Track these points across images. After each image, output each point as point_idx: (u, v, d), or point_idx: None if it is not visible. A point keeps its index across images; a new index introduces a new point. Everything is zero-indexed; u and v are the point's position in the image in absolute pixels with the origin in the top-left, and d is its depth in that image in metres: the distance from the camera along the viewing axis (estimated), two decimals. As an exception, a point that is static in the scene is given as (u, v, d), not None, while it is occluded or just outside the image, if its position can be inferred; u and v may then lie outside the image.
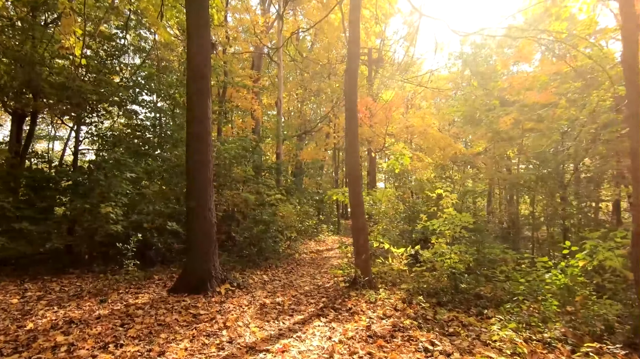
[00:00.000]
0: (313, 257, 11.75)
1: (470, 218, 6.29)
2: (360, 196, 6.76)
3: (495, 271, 6.30)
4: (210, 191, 6.32)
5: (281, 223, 10.35)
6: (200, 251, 6.09)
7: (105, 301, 5.47)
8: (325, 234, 18.34)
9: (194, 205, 6.16)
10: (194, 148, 6.23)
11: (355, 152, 6.86)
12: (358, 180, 6.82)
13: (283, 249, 11.00)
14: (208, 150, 6.29)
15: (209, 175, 6.31)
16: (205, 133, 6.27)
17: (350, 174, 6.85)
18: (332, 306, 5.36)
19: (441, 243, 6.18)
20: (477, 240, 6.96)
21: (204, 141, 6.25)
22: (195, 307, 5.26)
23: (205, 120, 6.30)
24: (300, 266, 9.63)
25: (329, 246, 15.59)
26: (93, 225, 8.11)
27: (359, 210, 6.70)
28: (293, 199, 11.58)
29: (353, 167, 6.84)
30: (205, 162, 6.24)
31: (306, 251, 13.06)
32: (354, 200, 6.75)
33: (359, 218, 6.67)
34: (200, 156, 6.22)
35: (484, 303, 5.41)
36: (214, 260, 6.24)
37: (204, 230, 6.14)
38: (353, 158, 6.85)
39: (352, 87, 6.96)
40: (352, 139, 6.87)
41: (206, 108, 6.32)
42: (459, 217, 6.24)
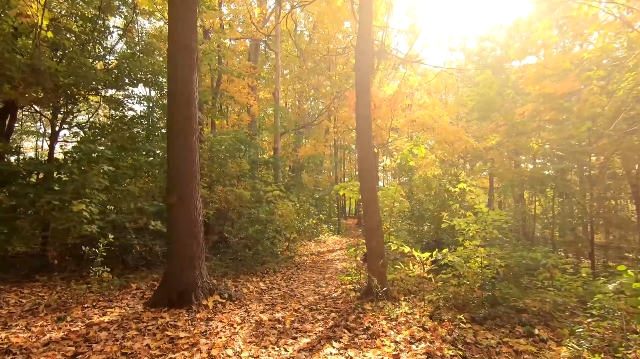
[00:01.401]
0: (314, 260, 10.72)
1: (505, 217, 5.30)
2: (375, 191, 5.75)
3: (533, 279, 5.32)
4: (196, 184, 5.29)
5: (279, 222, 9.32)
6: (183, 257, 5.05)
7: (63, 320, 4.42)
8: (325, 234, 17.32)
9: (175, 201, 5.11)
10: (177, 131, 5.19)
11: (368, 139, 5.85)
12: (371, 173, 5.81)
13: (281, 251, 9.97)
14: (194, 134, 5.25)
15: (195, 165, 5.27)
16: (190, 114, 5.23)
17: (363, 165, 5.84)
18: (344, 325, 4.33)
19: (475, 246, 5.19)
20: (509, 241, 5.97)
21: (189, 123, 5.21)
22: (175, 327, 4.22)
23: (191, 99, 5.26)
24: (301, 271, 8.60)
25: (330, 247, 14.57)
26: (63, 225, 7.05)
27: (373, 207, 5.69)
28: (292, 196, 10.57)
29: (365, 156, 5.82)
30: (190, 148, 5.20)
31: (306, 253, 12.03)
32: (366, 196, 5.73)
33: (373, 217, 5.66)
34: (184, 141, 5.18)
35: (531, 320, 4.42)
36: (200, 267, 5.20)
37: (188, 231, 5.10)
38: (365, 147, 5.83)
39: (364, 63, 5.95)
40: (364, 124, 5.86)
41: (191, 86, 5.28)
42: (491, 215, 5.25)
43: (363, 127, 5.85)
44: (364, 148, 5.83)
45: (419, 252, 5.84)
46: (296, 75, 21.71)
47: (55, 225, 7.12)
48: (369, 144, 5.84)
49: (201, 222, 5.33)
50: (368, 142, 5.83)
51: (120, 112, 9.80)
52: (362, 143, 5.85)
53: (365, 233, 5.79)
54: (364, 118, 5.87)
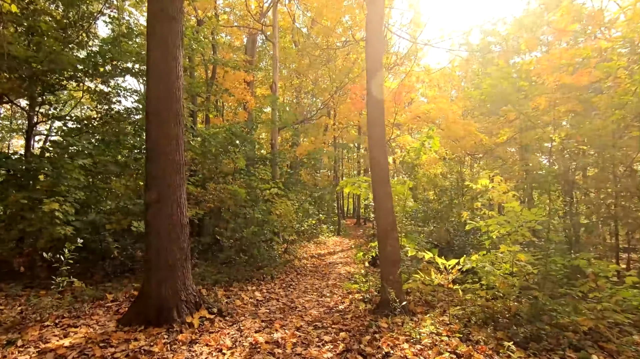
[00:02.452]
0: (315, 264, 9.92)
1: (541, 216, 4.54)
2: (388, 186, 4.96)
3: (573, 289, 4.55)
4: (180, 179, 4.48)
5: (277, 223, 8.52)
6: (163, 265, 4.24)
7: (12, 344, 3.60)
8: (325, 235, 16.53)
9: (154, 198, 4.30)
10: (156, 114, 4.38)
11: (380, 127, 5.06)
12: (384, 165, 5.02)
13: (280, 254, 9.17)
14: (176, 119, 4.44)
15: (178, 157, 4.46)
16: (172, 96, 4.42)
17: (375, 156, 5.05)
18: (358, 350, 3.54)
19: (513, 252, 4.42)
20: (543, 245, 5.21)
21: (171, 107, 4.40)
22: (149, 353, 3.41)
23: (173, 79, 4.45)
24: (301, 277, 7.80)
25: (331, 249, 13.78)
26: (32, 227, 6.24)
27: (386, 205, 4.90)
28: (291, 195, 9.78)
29: (377, 145, 5.03)
30: (172, 136, 4.39)
31: (306, 255, 11.24)
32: (379, 191, 4.95)
33: (386, 216, 4.87)
34: (165, 128, 4.37)
35: (582, 342, 3.65)
36: (184, 277, 4.39)
37: (168, 234, 4.29)
38: (377, 135, 5.04)
39: (375, 32, 5.16)
40: (376, 111, 5.07)
41: (174, 62, 4.47)
42: (526, 215, 4.49)
43: (374, 114, 5.07)
44: (376, 137, 5.03)
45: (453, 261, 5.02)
46: (294, 70, 20.90)
47: (24, 226, 6.30)
48: (380, 132, 5.05)
49: (186, 224, 4.52)
50: (380, 130, 5.04)
51: (107, 105, 8.96)
52: (374, 132, 5.06)
53: (377, 236, 5.00)
54: (376, 104, 5.08)
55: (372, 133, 5.08)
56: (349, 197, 38.23)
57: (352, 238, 18.03)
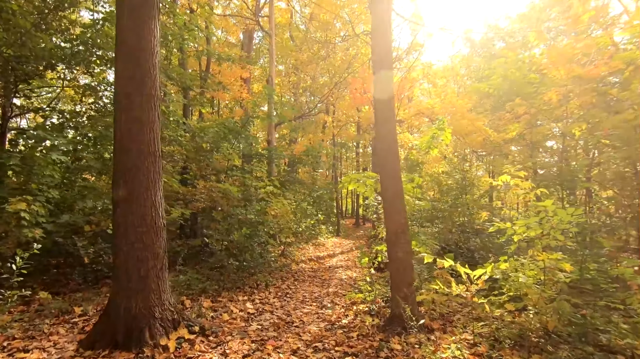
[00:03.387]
0: (314, 268, 9.25)
1: (578, 216, 3.89)
2: (399, 182, 4.29)
3: (613, 301, 3.90)
4: (156, 173, 3.79)
5: (273, 224, 7.83)
6: (133, 276, 3.55)
7: (-61, 376, 2.91)
8: (324, 236, 15.85)
9: (124, 195, 3.61)
10: (126, 96, 3.69)
11: (389, 113, 4.39)
12: (394, 159, 4.35)
13: (276, 257, 8.49)
14: (152, 103, 3.75)
15: (153, 148, 3.77)
16: (145, 75, 3.73)
17: (383, 149, 4.38)
18: (369, 382, 2.87)
19: (555, 260, 3.75)
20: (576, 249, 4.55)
21: (144, 88, 3.72)
22: (108, 390, 2.73)
23: (147, 55, 3.76)
24: (299, 283, 7.13)
25: (330, 251, 13.11)
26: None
27: (397, 205, 4.23)
28: (288, 193, 9.10)
29: (386, 136, 4.36)
30: (146, 122, 3.70)
31: (304, 258, 10.56)
32: (388, 189, 4.28)
33: (397, 217, 4.20)
34: (136, 113, 3.68)
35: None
36: (160, 290, 3.70)
37: (141, 238, 3.60)
38: (386, 125, 4.38)
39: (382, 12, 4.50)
40: (384, 95, 4.40)
41: (149, 36, 3.78)
42: (561, 215, 3.84)
43: (383, 98, 4.39)
44: (385, 129, 4.36)
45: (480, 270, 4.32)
46: (292, 65, 20.21)
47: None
48: (390, 122, 4.38)
49: (162, 226, 3.83)
50: (389, 116, 4.37)
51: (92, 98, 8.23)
52: (382, 120, 4.38)
53: (387, 240, 4.33)
54: (385, 90, 4.41)
55: (380, 124, 4.41)
56: (347, 197, 37.55)
57: (351, 239, 17.38)
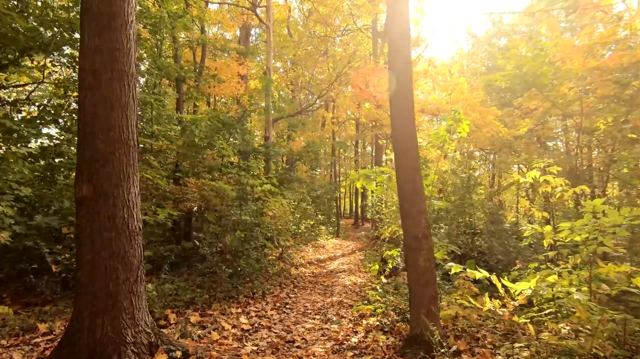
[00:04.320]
0: (315, 272, 8.61)
1: (634, 217, 3.28)
2: (418, 180, 3.65)
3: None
4: (131, 166, 3.14)
5: (271, 225, 7.20)
6: (101, 291, 2.90)
7: None
8: (324, 237, 15.23)
9: (88, 192, 2.96)
10: (93, 73, 3.04)
11: (407, 94, 3.76)
12: (412, 153, 3.71)
13: (273, 261, 7.85)
14: (125, 81, 3.10)
15: (128, 134, 3.12)
16: (117, 48, 3.08)
17: (400, 140, 3.74)
18: None
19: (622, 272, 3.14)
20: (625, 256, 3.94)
21: (116, 62, 3.06)
22: None
23: (119, 23, 3.11)
24: (299, 291, 6.48)
25: (331, 253, 12.48)
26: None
27: (416, 205, 3.59)
28: (287, 192, 8.47)
29: (404, 126, 3.73)
30: (118, 104, 3.05)
31: (304, 261, 9.92)
32: (406, 187, 3.65)
33: (417, 220, 3.56)
34: (105, 93, 3.03)
35: None
36: (134, 307, 3.05)
37: (110, 244, 2.95)
38: (404, 111, 3.74)
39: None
40: (402, 73, 3.77)
41: (121, 1, 3.13)
42: (612, 216, 3.22)
43: (401, 82, 3.76)
44: (402, 113, 3.73)
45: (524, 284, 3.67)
46: (290, 60, 19.54)
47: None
48: (408, 107, 3.74)
49: (138, 230, 3.18)
50: (407, 101, 3.74)
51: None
52: (399, 104, 3.75)
53: (405, 246, 3.69)
54: (403, 69, 3.77)
55: (396, 109, 3.77)
56: (345, 197, 36.91)
57: (352, 240, 16.78)
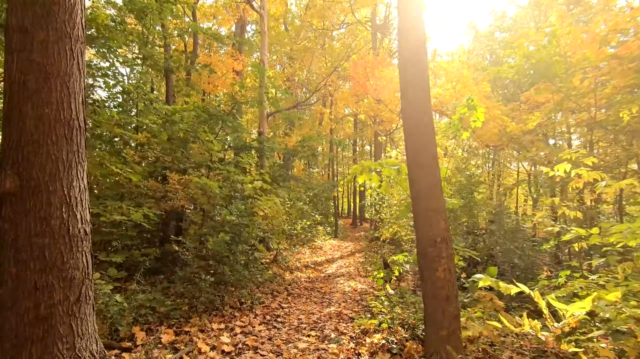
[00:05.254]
0: (311, 277, 7.95)
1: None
2: (437, 171, 3.00)
3: None
4: (73, 153, 2.46)
5: (263, 226, 6.52)
6: (27, 315, 2.22)
7: None
8: (322, 238, 14.57)
9: (13, 185, 2.28)
10: (22, 32, 2.36)
11: (421, 72, 3.10)
12: (428, 142, 3.05)
13: (266, 265, 7.17)
14: (68, 44, 2.42)
15: (71, 113, 2.44)
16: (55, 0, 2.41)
17: (412, 127, 3.08)
18: None
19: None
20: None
21: (54, 19, 2.39)
22: None
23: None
24: (293, 299, 5.81)
25: (329, 255, 11.82)
26: None
27: (434, 203, 2.94)
28: (282, 191, 7.79)
29: (418, 110, 3.07)
30: (56, 73, 2.37)
31: (299, 264, 9.25)
32: (421, 183, 2.99)
33: (435, 221, 2.90)
34: (38, 57, 2.35)
35: None
36: (76, 333, 2.36)
37: (42, 254, 2.27)
38: (418, 93, 3.08)
39: None
40: (416, 52, 3.11)
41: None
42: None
43: (413, 61, 3.09)
44: (415, 77, 3.06)
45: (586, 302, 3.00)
46: (286, 54, 18.86)
47: None
48: (421, 66, 3.08)
49: (83, 234, 2.49)
50: (421, 63, 3.07)
51: None
52: (412, 66, 3.09)
53: (419, 253, 3.02)
54: (415, 46, 3.10)
55: (407, 72, 3.11)
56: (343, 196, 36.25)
57: (350, 241, 16.12)
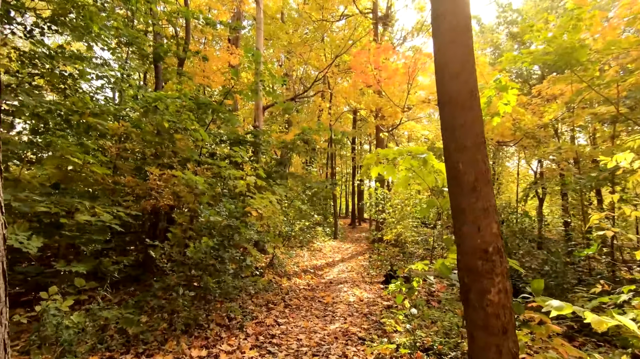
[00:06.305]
0: (311, 284, 7.17)
1: None
2: (484, 157, 2.24)
3: None
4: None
5: (257, 228, 5.74)
6: None
7: None
8: (321, 239, 13.81)
9: None
10: None
11: (467, 28, 2.33)
12: (473, 111, 2.29)
13: (261, 271, 6.39)
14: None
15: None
16: None
17: (453, 95, 2.31)
18: None
19: None
20: None
21: None
22: None
23: None
24: (292, 313, 5.03)
25: (329, 258, 11.05)
26: None
27: (482, 201, 2.17)
28: (279, 189, 7.01)
29: (459, 68, 2.30)
30: None
31: (298, 269, 8.48)
32: (466, 170, 2.22)
33: (486, 221, 2.14)
34: None
35: None
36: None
37: None
38: (458, 57, 2.31)
39: None
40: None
41: None
42: None
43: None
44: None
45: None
46: (284, 48, 18.05)
47: None
48: (465, 38, 2.32)
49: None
50: (463, 47, 2.31)
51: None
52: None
53: (462, 268, 2.24)
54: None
55: (445, 52, 2.34)
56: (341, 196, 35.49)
57: (350, 242, 15.38)
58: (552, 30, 7.23)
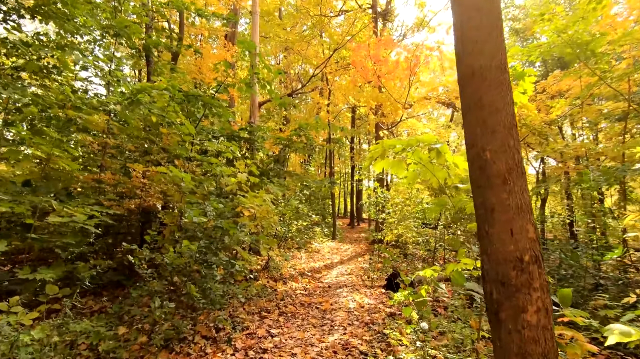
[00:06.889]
0: (308, 288, 6.75)
1: None
2: (517, 143, 1.84)
3: None
4: None
5: (251, 229, 5.32)
6: None
7: None
8: (319, 240, 13.39)
9: None
10: None
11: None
12: (503, 97, 1.88)
13: (255, 275, 5.98)
14: None
15: None
16: None
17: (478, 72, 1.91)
18: None
19: None
20: None
21: None
22: None
23: None
24: (287, 322, 4.62)
25: (328, 260, 10.63)
26: None
27: (514, 197, 1.77)
28: (274, 187, 6.60)
29: (486, 36, 1.90)
30: None
31: (294, 272, 8.06)
32: (494, 160, 1.82)
33: (521, 224, 1.74)
34: None
35: None
36: None
37: None
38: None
39: None
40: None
41: None
42: None
43: None
44: (483, 19, 1.89)
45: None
46: (281, 43, 17.62)
47: None
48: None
49: None
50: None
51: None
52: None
53: (489, 279, 1.84)
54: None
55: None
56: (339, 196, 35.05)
57: (349, 243, 14.96)
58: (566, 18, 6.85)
